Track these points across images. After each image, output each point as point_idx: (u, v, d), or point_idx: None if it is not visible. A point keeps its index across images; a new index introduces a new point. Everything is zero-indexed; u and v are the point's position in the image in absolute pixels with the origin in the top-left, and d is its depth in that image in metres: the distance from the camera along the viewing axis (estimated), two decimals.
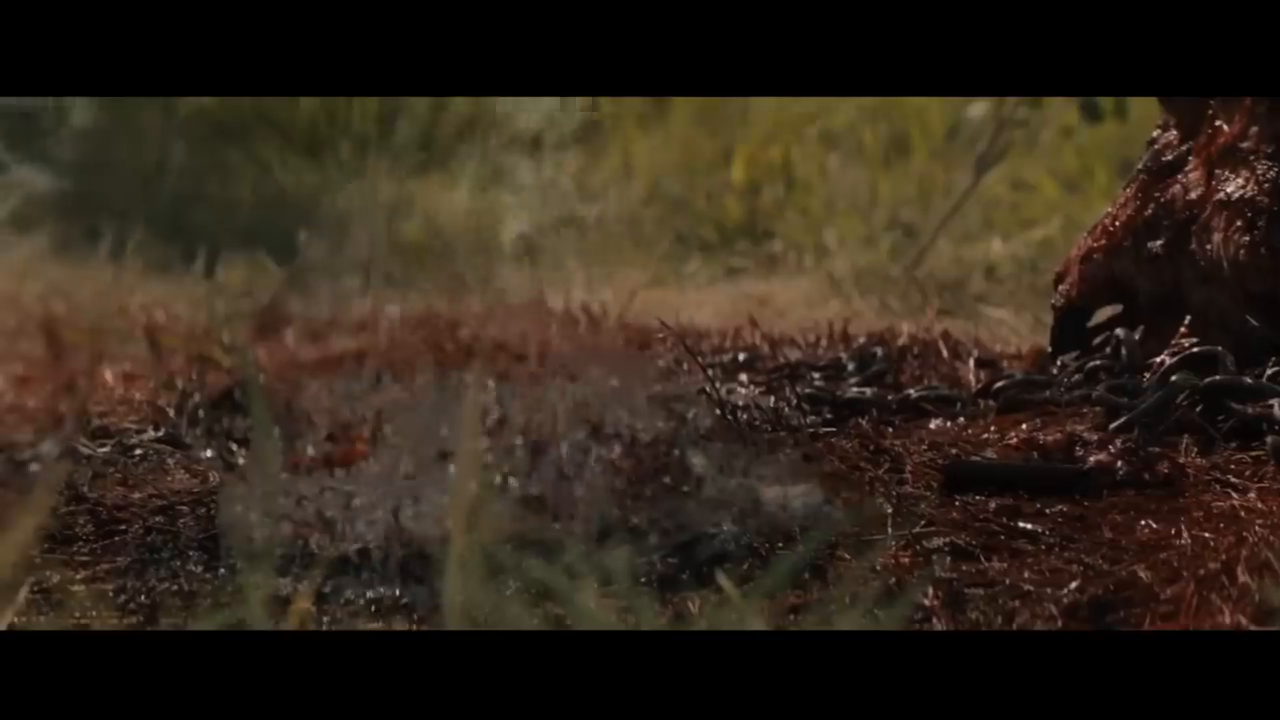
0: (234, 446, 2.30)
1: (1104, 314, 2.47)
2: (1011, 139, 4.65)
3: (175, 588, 1.77)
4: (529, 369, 1.95)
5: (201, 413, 2.50)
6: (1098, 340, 2.42)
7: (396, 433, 1.66)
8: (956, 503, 1.91)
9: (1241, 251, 2.25)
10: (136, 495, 2.10)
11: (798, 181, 4.49)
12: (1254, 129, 2.27)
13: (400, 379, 1.82)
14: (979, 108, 4.82)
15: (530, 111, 4.34)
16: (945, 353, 2.70)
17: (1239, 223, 2.26)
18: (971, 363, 2.62)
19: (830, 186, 4.43)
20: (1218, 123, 2.32)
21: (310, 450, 1.69)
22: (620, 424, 1.59)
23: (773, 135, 4.63)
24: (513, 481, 1.52)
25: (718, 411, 2.17)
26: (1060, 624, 1.58)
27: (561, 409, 1.62)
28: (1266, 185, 2.25)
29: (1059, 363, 2.43)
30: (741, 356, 2.72)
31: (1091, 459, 2.01)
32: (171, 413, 2.54)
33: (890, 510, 1.87)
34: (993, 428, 2.22)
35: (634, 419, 1.61)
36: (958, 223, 4.21)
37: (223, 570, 1.80)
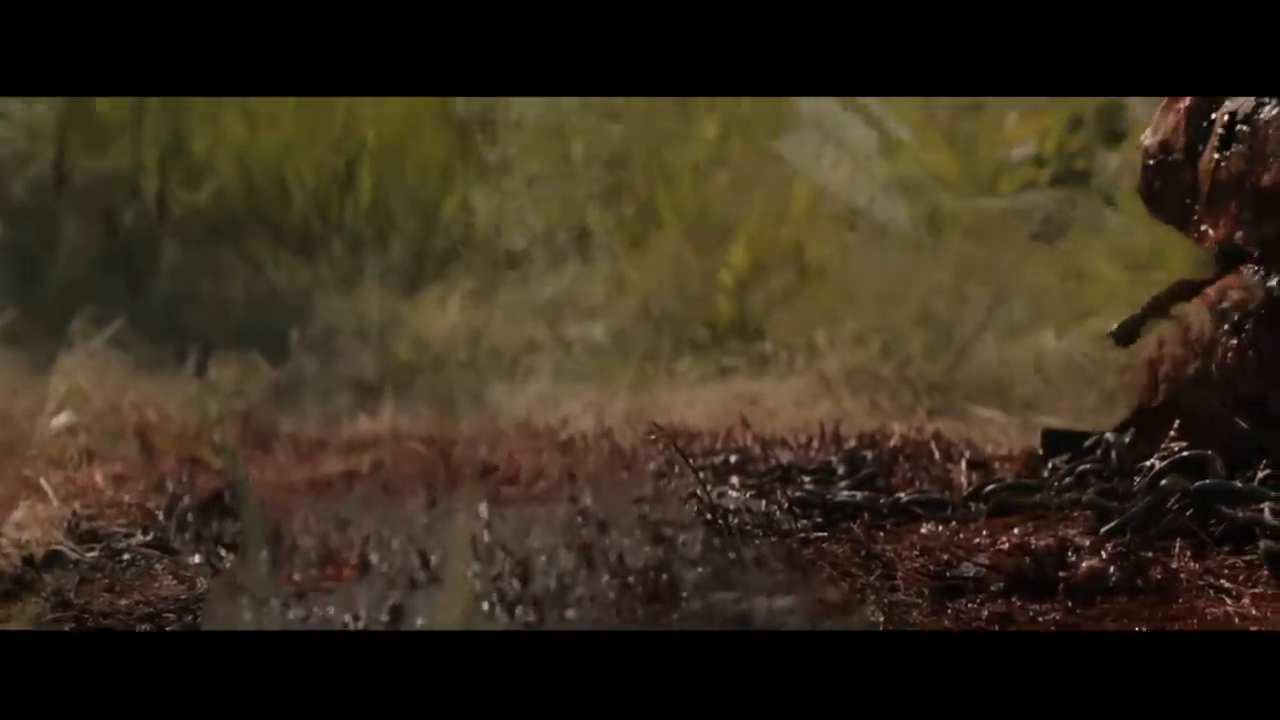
0: (222, 552, 2.29)
1: None
2: (1070, 216, 4.32)
3: None
4: (521, 492, 1.95)
5: (190, 516, 2.49)
6: (1088, 443, 2.43)
7: (384, 557, 1.65)
8: (948, 610, 1.90)
9: (1230, 354, 2.26)
10: (123, 602, 2.09)
11: (809, 268, 4.27)
12: (1239, 233, 2.29)
13: (390, 501, 1.82)
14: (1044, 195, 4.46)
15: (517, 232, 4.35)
16: (937, 454, 2.70)
17: (1227, 325, 2.27)
18: (963, 464, 2.62)
19: (847, 274, 4.18)
20: (1203, 226, 2.33)
21: (296, 575, 1.68)
22: (610, 548, 1.58)
23: (781, 214, 4.44)
24: (499, 611, 1.50)
25: (709, 516, 2.16)
26: None
27: (550, 532, 1.61)
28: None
29: (1050, 465, 2.43)
30: (733, 458, 2.71)
31: (1083, 564, 2.00)
32: (160, 516, 2.53)
33: (882, 618, 1.86)
34: (984, 532, 2.22)
35: (623, 543, 1.61)
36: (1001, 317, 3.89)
37: None
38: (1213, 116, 2.30)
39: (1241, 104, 2.26)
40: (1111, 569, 1.99)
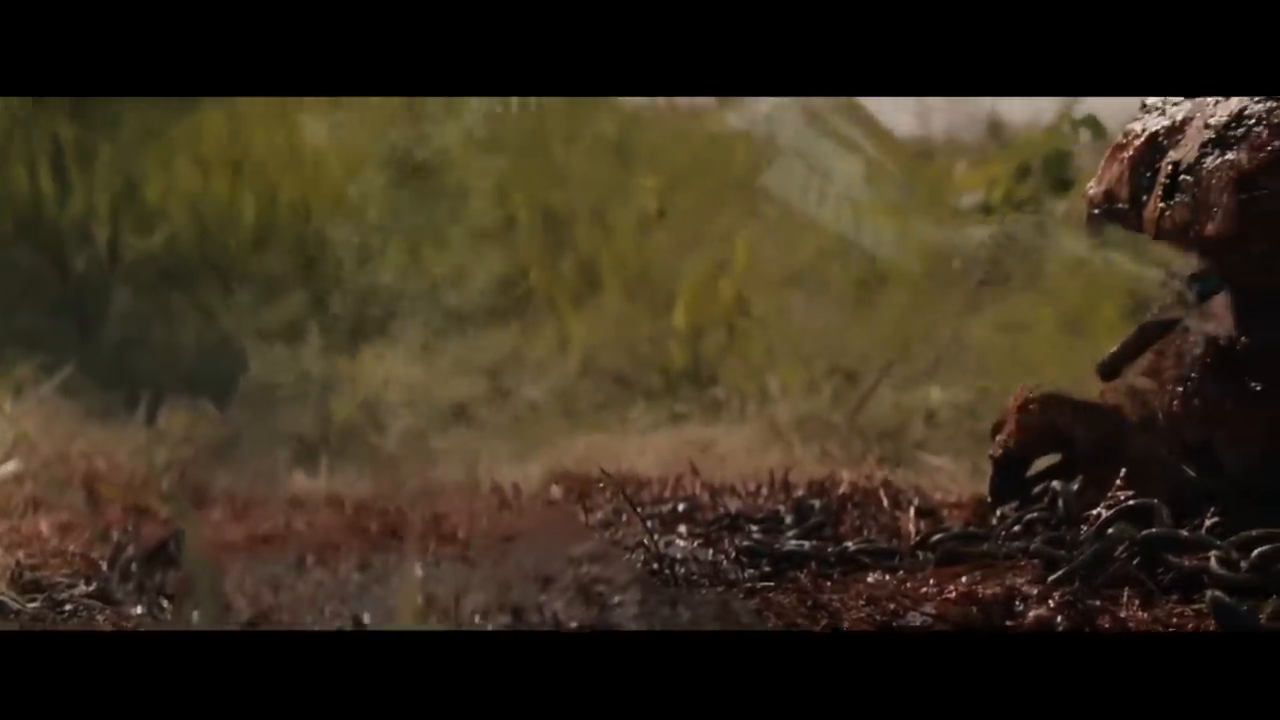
0: (164, 603, 2.27)
1: (1042, 463, 2.47)
2: (1010, 269, 4.37)
3: None
4: (459, 551, 1.93)
5: (134, 567, 2.47)
6: (1036, 490, 2.43)
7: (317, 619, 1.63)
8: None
9: (1176, 402, 2.27)
10: None
11: (754, 321, 4.31)
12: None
13: (325, 561, 1.80)
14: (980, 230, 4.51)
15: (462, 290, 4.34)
16: (885, 502, 2.70)
17: (1174, 372, 2.28)
18: (912, 512, 2.61)
19: (789, 330, 4.24)
20: None
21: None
22: (545, 609, 1.56)
23: (723, 269, 4.48)
24: None
25: (655, 566, 2.15)
26: None
27: (488, 592, 1.60)
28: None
29: (998, 514, 2.43)
30: (681, 506, 2.70)
31: (1031, 613, 1.99)
32: (104, 566, 2.50)
33: None
34: (931, 581, 2.21)
35: (559, 605, 1.59)
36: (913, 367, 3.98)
37: None
38: (1156, 166, 2.31)
39: (1185, 154, 2.27)
40: (1059, 618, 1.98)
